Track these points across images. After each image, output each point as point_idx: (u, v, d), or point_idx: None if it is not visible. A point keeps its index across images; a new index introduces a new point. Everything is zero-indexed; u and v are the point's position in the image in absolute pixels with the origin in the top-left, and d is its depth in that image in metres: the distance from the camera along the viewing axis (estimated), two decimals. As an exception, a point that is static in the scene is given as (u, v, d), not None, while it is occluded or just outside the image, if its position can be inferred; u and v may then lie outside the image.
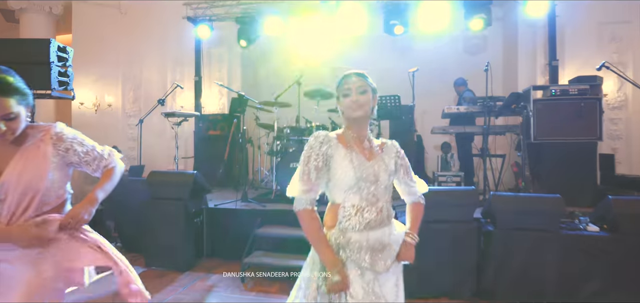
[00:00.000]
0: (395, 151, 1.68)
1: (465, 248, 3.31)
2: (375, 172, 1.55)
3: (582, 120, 4.50)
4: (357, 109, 1.54)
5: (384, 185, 1.57)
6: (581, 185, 4.45)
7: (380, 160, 1.60)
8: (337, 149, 1.54)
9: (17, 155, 1.54)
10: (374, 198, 1.54)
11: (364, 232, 1.52)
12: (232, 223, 4.38)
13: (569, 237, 3.19)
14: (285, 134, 5.07)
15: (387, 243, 1.57)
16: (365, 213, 1.52)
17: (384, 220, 1.56)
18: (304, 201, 1.51)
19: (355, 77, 1.57)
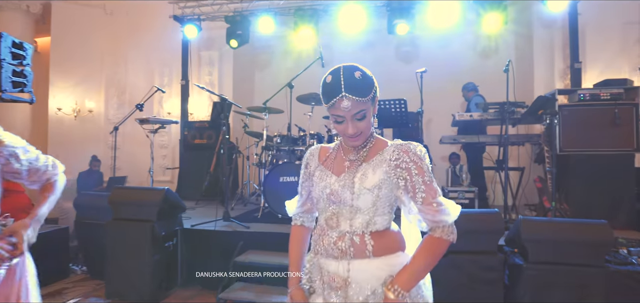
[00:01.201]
0: (395, 156, 1.20)
1: (487, 286, 2.69)
2: (336, 189, 1.24)
3: (616, 128, 3.90)
4: (355, 139, 1.23)
5: (347, 206, 1.22)
6: (616, 204, 3.84)
7: (351, 173, 1.24)
8: (313, 163, 1.38)
9: None
10: (334, 222, 1.25)
11: (324, 259, 1.28)
12: (211, 246, 3.78)
13: (619, 273, 2.57)
14: (275, 143, 4.48)
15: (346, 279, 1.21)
16: (325, 237, 1.27)
17: (347, 252, 1.21)
18: (294, 216, 1.47)
19: (348, 101, 1.16)
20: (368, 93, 1.17)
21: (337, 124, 1.22)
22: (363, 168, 1.22)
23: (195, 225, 3.91)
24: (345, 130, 1.20)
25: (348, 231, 1.22)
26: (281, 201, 4.30)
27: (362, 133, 1.22)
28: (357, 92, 1.15)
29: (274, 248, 3.55)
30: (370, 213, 1.21)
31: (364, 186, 1.20)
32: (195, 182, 5.92)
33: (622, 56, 5.70)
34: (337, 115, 1.20)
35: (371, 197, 1.20)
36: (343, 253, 1.21)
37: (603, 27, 5.75)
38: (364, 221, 1.21)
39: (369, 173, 1.21)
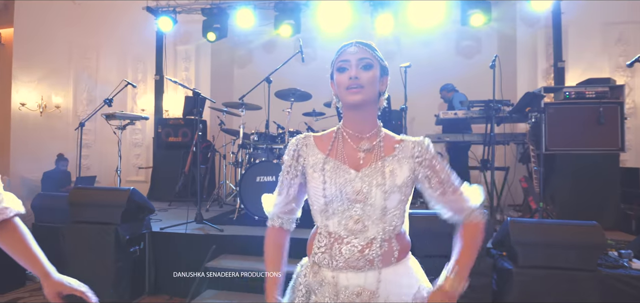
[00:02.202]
0: (417, 152, 1.12)
1: (476, 293, 2.54)
2: (362, 187, 1.07)
3: (601, 127, 3.83)
4: (355, 90, 1.08)
5: (378, 207, 1.06)
6: (601, 203, 3.78)
7: (378, 168, 1.08)
8: (311, 155, 1.15)
9: None
10: (360, 226, 1.07)
11: (343, 273, 1.08)
12: (181, 251, 3.51)
13: (610, 277, 2.45)
14: (252, 141, 4.24)
15: (373, 294, 1.06)
16: (343, 246, 1.08)
17: (374, 260, 1.07)
18: (272, 216, 1.22)
19: (356, 46, 1.12)
20: (376, 53, 1.14)
21: (339, 72, 1.12)
22: (389, 162, 1.09)
23: (164, 228, 3.63)
24: (348, 74, 1.10)
25: (376, 237, 1.06)
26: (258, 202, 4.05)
27: (363, 88, 1.08)
28: (366, 45, 1.13)
29: (249, 253, 3.32)
30: (397, 214, 1.08)
31: (396, 183, 1.06)
32: (169, 182, 5.61)
33: (603, 56, 5.71)
34: (342, 60, 1.12)
35: (399, 196, 1.07)
36: (371, 263, 1.06)
37: (585, 26, 5.75)
38: (392, 224, 1.07)
39: (397, 168, 1.09)
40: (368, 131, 1.13)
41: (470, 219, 1.18)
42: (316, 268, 1.12)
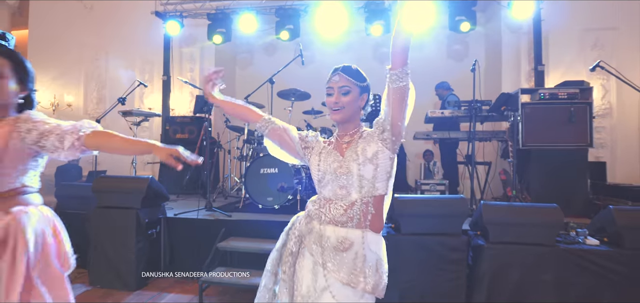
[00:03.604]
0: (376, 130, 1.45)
1: (453, 265, 2.94)
2: (346, 162, 1.43)
3: (572, 125, 4.24)
4: (335, 112, 1.47)
5: (356, 176, 1.41)
6: (571, 193, 4.18)
7: (354, 150, 1.44)
8: (317, 145, 1.54)
9: None
10: (344, 192, 1.43)
11: (331, 226, 1.43)
12: (193, 234, 3.90)
13: (567, 251, 2.86)
14: (256, 137, 4.63)
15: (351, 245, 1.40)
16: (331, 206, 1.45)
17: (354, 219, 1.41)
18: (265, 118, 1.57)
19: (339, 75, 1.47)
20: (356, 78, 1.46)
21: (328, 96, 1.49)
22: (361, 143, 1.44)
23: (178, 214, 4.02)
24: (331, 99, 1.46)
25: (357, 200, 1.41)
26: (262, 192, 4.48)
27: (344, 108, 1.45)
28: (346, 72, 1.46)
29: (254, 235, 3.71)
30: (372, 181, 1.41)
31: (367, 156, 1.40)
32: (177, 176, 5.97)
33: (581, 60, 6.13)
34: (329, 87, 1.49)
35: (372, 166, 1.40)
36: (351, 219, 1.41)
37: (564, 33, 6.18)
38: (369, 188, 1.41)
39: (367, 146, 1.43)
40: (350, 131, 1.50)
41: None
42: (308, 220, 1.49)
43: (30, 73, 1.58)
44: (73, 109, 7.29)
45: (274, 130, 1.54)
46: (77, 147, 1.44)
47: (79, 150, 1.45)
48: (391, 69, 1.37)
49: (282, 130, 1.54)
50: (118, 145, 1.51)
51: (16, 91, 1.51)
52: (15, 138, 1.43)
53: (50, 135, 1.43)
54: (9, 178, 1.43)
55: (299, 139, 1.56)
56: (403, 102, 1.38)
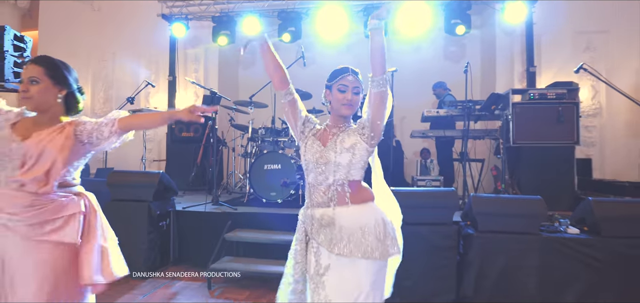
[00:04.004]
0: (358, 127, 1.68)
1: (445, 252, 3.17)
2: (326, 152, 1.65)
3: (560, 124, 4.47)
4: (348, 107, 1.66)
5: (333, 162, 1.63)
6: (559, 189, 4.40)
7: (334, 140, 1.66)
8: (312, 130, 1.74)
9: (50, 129, 1.66)
10: (323, 177, 1.65)
11: (316, 209, 1.66)
12: (201, 226, 4.13)
13: (550, 239, 3.09)
14: (260, 134, 4.86)
15: (332, 220, 1.62)
16: (314, 192, 1.67)
17: (333, 198, 1.64)
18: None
19: (353, 76, 1.67)
20: (361, 82, 1.70)
21: (339, 92, 1.67)
22: (341, 136, 1.66)
23: (186, 207, 4.25)
24: (346, 96, 1.66)
25: (333, 183, 1.63)
26: (266, 187, 4.72)
27: (353, 106, 1.67)
28: (357, 75, 1.69)
29: (258, 227, 3.94)
30: (347, 168, 1.63)
31: (344, 146, 1.63)
32: (182, 173, 6.20)
33: (573, 61, 6.33)
34: (343, 84, 1.66)
35: (348, 155, 1.62)
36: (330, 200, 1.63)
37: (556, 35, 6.40)
38: (343, 173, 1.63)
39: (346, 138, 1.65)
40: (340, 125, 1.71)
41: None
42: (306, 207, 1.71)
43: (68, 74, 1.75)
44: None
45: (291, 102, 1.74)
46: (114, 133, 1.66)
47: (116, 134, 1.67)
48: (372, 76, 1.60)
49: (296, 107, 1.75)
50: (145, 122, 1.80)
51: (55, 93, 1.69)
52: (73, 140, 1.66)
53: (94, 132, 1.66)
54: (67, 173, 1.66)
55: (302, 122, 1.75)
56: (382, 104, 1.61)
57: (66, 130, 1.66)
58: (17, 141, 1.65)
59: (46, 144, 1.63)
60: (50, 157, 1.62)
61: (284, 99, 1.74)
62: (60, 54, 6.41)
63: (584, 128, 6.43)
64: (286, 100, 1.74)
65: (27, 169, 1.62)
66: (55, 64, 1.73)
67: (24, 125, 1.70)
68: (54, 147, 1.62)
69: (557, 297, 3.02)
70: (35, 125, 1.70)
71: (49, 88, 1.68)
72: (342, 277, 1.58)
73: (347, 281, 1.57)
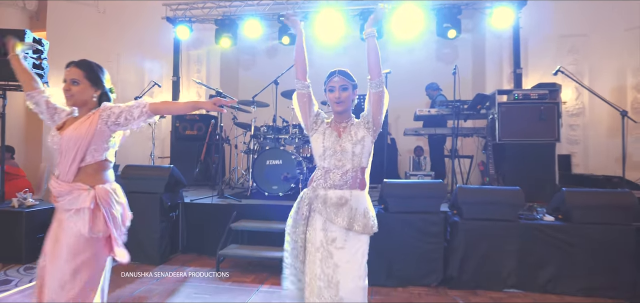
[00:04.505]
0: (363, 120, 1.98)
1: (433, 238, 3.49)
2: (342, 143, 1.93)
3: (542, 122, 4.80)
4: (338, 104, 1.96)
5: (350, 152, 1.92)
6: (541, 182, 4.73)
7: (349, 132, 1.95)
8: (322, 126, 2.00)
9: (79, 121, 1.92)
10: (340, 162, 1.93)
11: (332, 190, 1.92)
12: (208, 218, 4.43)
13: (527, 226, 3.42)
14: (262, 132, 5.17)
15: (347, 201, 1.91)
16: (332, 175, 1.93)
17: (348, 182, 1.92)
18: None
19: (338, 76, 1.97)
20: (350, 79, 1.99)
21: (330, 92, 1.96)
22: (353, 129, 1.96)
23: (194, 200, 4.55)
24: (335, 95, 1.95)
25: (349, 169, 1.93)
26: (267, 181, 5.04)
27: (343, 101, 1.96)
28: (343, 74, 1.97)
29: (261, 218, 4.24)
30: (358, 155, 1.94)
31: (358, 138, 1.93)
32: (186, 170, 6.48)
33: (557, 63, 6.66)
34: (331, 85, 1.96)
35: (361, 146, 1.93)
36: (346, 183, 1.92)
37: (542, 39, 6.76)
38: (358, 161, 1.94)
39: (357, 130, 1.95)
40: (345, 120, 2.02)
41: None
42: (313, 189, 1.95)
43: (102, 77, 2.03)
44: (87, 107, 7.77)
45: (308, 95, 1.99)
46: (145, 113, 1.94)
47: (146, 115, 1.95)
48: (371, 79, 1.92)
49: (309, 100, 1.99)
50: (173, 108, 2.06)
51: (91, 92, 1.97)
52: (100, 123, 1.91)
53: (121, 114, 1.93)
54: (99, 153, 1.94)
55: (315, 115, 2.01)
56: (381, 102, 1.92)
57: (91, 118, 1.92)
58: (57, 135, 1.94)
59: (73, 132, 1.89)
60: (76, 143, 1.87)
61: (303, 89, 1.98)
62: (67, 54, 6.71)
63: (569, 127, 6.80)
64: (304, 91, 1.98)
65: (62, 158, 1.90)
66: (92, 67, 2.01)
67: (70, 122, 1.99)
68: (79, 133, 1.88)
69: (534, 277, 3.35)
70: (75, 120, 1.99)
71: (87, 88, 1.96)
72: (350, 248, 1.91)
73: (354, 251, 1.91)
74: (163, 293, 3.30)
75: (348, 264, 1.89)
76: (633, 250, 3.23)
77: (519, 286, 3.37)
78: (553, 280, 3.32)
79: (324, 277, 1.89)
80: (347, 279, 1.88)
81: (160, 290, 3.36)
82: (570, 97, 6.69)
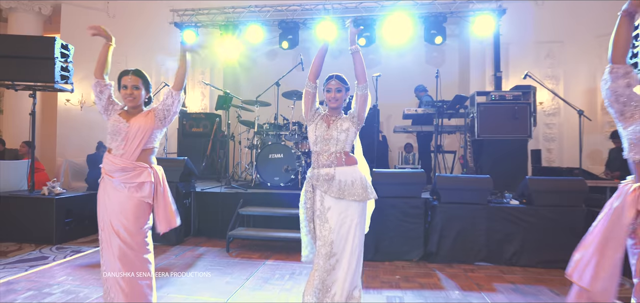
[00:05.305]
0: (349, 115, 2.51)
1: (414, 219, 4.04)
2: (329, 132, 2.43)
3: (516, 121, 5.37)
4: (333, 102, 2.42)
5: (335, 139, 2.41)
6: (514, 174, 5.28)
7: (336, 123, 2.45)
8: (317, 118, 2.46)
9: (142, 114, 2.46)
10: (326, 147, 2.42)
11: (322, 169, 2.42)
12: (217, 205, 4.96)
13: (496, 208, 3.99)
14: (265, 129, 5.70)
15: (333, 176, 2.40)
16: (321, 157, 2.42)
17: (334, 161, 2.41)
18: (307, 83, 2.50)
19: (334, 80, 2.43)
20: (344, 82, 2.51)
21: (327, 93, 2.45)
22: (340, 121, 2.48)
23: (204, 189, 5.08)
24: (330, 95, 2.46)
25: (334, 151, 2.45)
26: (270, 173, 5.62)
27: (338, 100, 2.47)
28: (339, 79, 2.48)
29: (265, 204, 4.78)
30: (342, 142, 2.46)
31: (342, 128, 2.46)
32: (194, 162, 7.00)
33: (535, 68, 7.28)
34: (328, 87, 2.44)
35: (345, 134, 2.46)
36: (332, 162, 2.45)
37: (521, 45, 7.36)
38: (341, 146, 2.47)
39: (343, 122, 2.46)
40: (335, 115, 2.53)
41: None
42: (313, 168, 2.51)
43: (150, 85, 2.61)
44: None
45: (314, 94, 2.46)
46: (173, 95, 2.46)
47: (176, 96, 2.45)
48: (358, 84, 2.46)
49: (313, 99, 2.47)
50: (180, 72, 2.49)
51: (144, 96, 2.53)
52: (156, 120, 2.46)
53: (163, 108, 2.47)
54: (151, 142, 2.48)
55: (315, 110, 2.54)
56: (365, 103, 2.47)
57: (149, 115, 2.48)
58: (124, 123, 2.48)
59: (139, 124, 2.44)
60: (140, 133, 2.43)
61: (311, 89, 2.46)
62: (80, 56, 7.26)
63: (545, 125, 7.40)
64: (312, 90, 2.46)
65: (128, 143, 2.44)
66: (146, 77, 2.59)
67: (124, 114, 2.53)
68: (146, 125, 2.43)
69: (500, 252, 3.92)
70: (130, 114, 2.53)
71: (143, 93, 2.53)
72: (341, 214, 2.42)
73: (344, 216, 2.43)
74: (183, 265, 3.83)
75: (339, 227, 2.43)
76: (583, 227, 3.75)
77: (488, 259, 3.94)
78: (517, 254, 3.89)
79: (322, 237, 2.44)
80: (339, 239, 2.42)
81: (180, 264, 3.89)
82: (547, 98, 7.28)
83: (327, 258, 2.42)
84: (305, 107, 2.55)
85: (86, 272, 3.59)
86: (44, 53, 4.66)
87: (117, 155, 2.44)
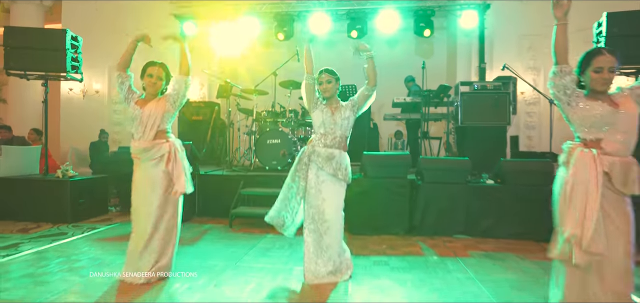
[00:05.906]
0: (350, 104, 2.92)
1: (400, 197, 4.47)
2: (334, 118, 2.84)
3: (496, 109, 5.80)
4: (326, 93, 2.88)
5: (339, 124, 2.84)
6: (495, 158, 5.68)
7: (339, 112, 2.88)
8: (320, 105, 2.92)
9: (154, 101, 2.87)
10: (332, 131, 2.87)
11: (324, 148, 2.85)
12: (220, 187, 5.34)
13: (473, 187, 4.43)
14: (263, 116, 6.07)
15: (334, 156, 2.83)
16: (326, 138, 2.87)
17: (336, 144, 2.85)
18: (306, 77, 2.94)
19: (325, 73, 2.89)
20: (334, 75, 2.92)
21: (319, 84, 2.90)
22: (342, 109, 2.90)
23: (207, 172, 5.45)
24: (322, 87, 2.88)
25: (339, 135, 2.88)
26: (268, 157, 6.05)
27: (329, 90, 2.89)
28: (329, 72, 2.90)
29: (264, 186, 5.18)
30: (344, 128, 2.89)
31: (345, 116, 2.88)
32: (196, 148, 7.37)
33: (518, 59, 7.73)
34: (320, 80, 2.89)
35: (346, 121, 2.89)
36: (335, 145, 2.87)
37: (505, 38, 7.77)
38: (343, 131, 2.89)
39: (344, 110, 2.90)
40: (334, 102, 2.95)
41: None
42: (313, 145, 2.92)
43: (171, 76, 2.98)
44: (100, 95, 8.57)
45: (311, 85, 2.90)
46: (180, 80, 2.85)
47: (183, 82, 2.86)
48: (368, 84, 2.88)
49: (313, 89, 2.91)
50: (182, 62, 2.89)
51: (162, 84, 2.93)
52: (167, 105, 2.86)
53: (173, 92, 2.86)
54: (163, 124, 2.86)
55: (317, 99, 2.95)
56: (368, 99, 2.92)
57: (161, 101, 2.88)
58: (138, 110, 2.85)
59: (151, 110, 2.83)
60: (152, 116, 2.82)
61: (310, 81, 2.90)
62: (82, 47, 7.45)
63: (526, 114, 7.86)
64: (311, 82, 2.90)
65: (143, 126, 2.82)
66: (169, 70, 3.00)
67: (140, 102, 2.90)
68: (157, 111, 2.83)
69: (477, 225, 4.36)
70: (145, 101, 2.90)
71: (163, 84, 2.93)
72: (333, 188, 2.88)
73: (335, 191, 2.88)
74: (191, 239, 4.23)
75: (331, 199, 2.86)
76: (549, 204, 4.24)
77: (466, 232, 4.38)
78: (491, 227, 4.34)
79: (316, 206, 2.86)
80: (331, 209, 2.85)
81: (188, 237, 4.28)
82: (528, 88, 7.72)
83: (320, 223, 2.85)
84: (307, 96, 2.95)
85: (106, 243, 3.98)
86: (55, 45, 4.97)
87: (137, 139, 2.83)
